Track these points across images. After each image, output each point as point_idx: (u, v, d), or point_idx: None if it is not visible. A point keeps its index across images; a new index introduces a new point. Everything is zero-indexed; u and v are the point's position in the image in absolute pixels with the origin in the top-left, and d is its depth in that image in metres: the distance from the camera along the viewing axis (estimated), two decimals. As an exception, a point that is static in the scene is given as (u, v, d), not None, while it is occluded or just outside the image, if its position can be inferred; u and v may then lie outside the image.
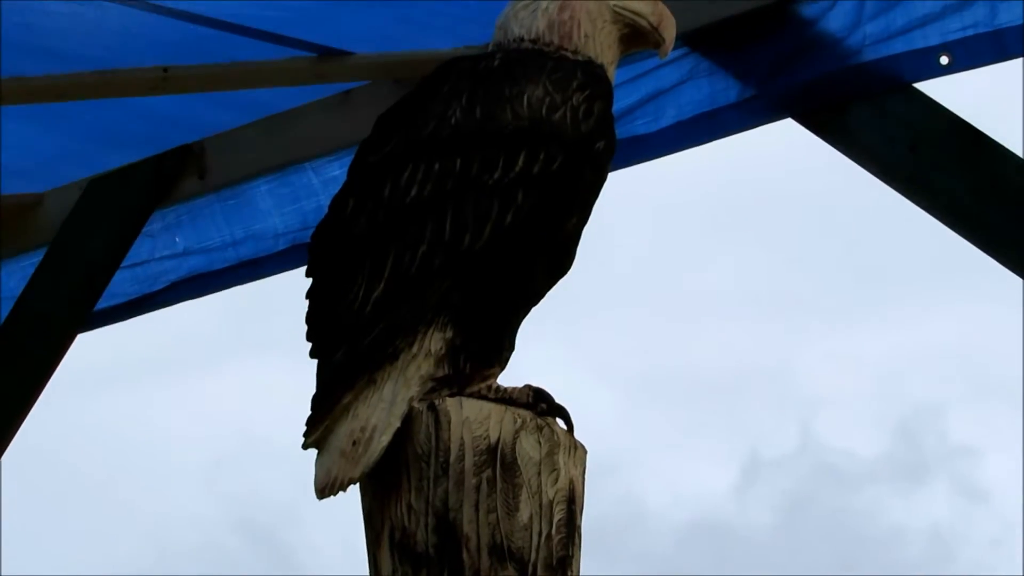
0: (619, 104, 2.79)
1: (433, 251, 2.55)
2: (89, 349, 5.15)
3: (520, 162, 2.56)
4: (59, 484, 10.36)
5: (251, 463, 10.38)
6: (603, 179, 2.67)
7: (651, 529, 10.91)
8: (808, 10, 4.27)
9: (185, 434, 10.54)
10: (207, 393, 10.74)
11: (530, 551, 2.48)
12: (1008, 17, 4.09)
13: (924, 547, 10.36)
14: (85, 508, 10.98)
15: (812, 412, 10.61)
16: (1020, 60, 4.12)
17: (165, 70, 4.51)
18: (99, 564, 10.05)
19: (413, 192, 2.58)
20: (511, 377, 2.65)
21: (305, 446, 2.57)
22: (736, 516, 10.89)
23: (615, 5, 2.71)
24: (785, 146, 4.50)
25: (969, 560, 10.06)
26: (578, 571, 2.54)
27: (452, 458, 2.50)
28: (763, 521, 10.95)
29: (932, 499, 10.85)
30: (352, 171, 2.70)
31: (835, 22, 4.26)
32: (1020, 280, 3.99)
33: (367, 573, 2.64)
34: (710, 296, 10.36)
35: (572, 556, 2.52)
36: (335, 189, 2.74)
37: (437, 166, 2.58)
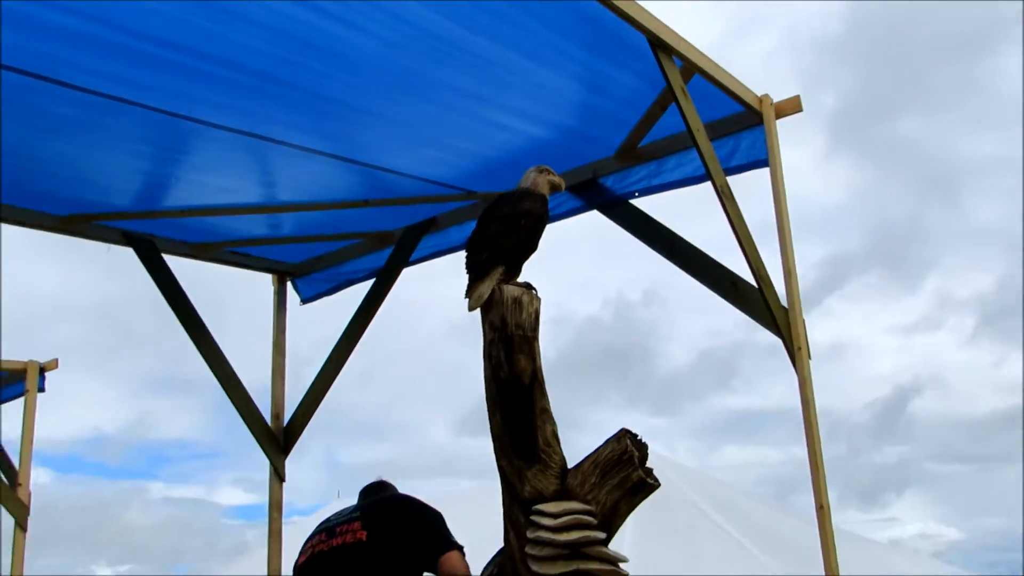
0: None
1: (500, 246, 2.48)
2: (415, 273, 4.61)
3: (523, 221, 2.50)
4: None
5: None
6: (545, 226, 2.56)
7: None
8: (604, 181, 4.25)
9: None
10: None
11: (528, 329, 2.36)
12: (663, 179, 4.08)
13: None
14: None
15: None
16: (672, 192, 4.07)
17: (412, 199, 4.45)
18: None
19: (492, 230, 2.51)
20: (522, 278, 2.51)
21: (465, 298, 2.45)
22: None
23: (548, 178, 2.68)
24: (598, 222, 4.31)
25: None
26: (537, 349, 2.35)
27: (502, 303, 2.39)
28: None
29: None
30: (477, 223, 2.59)
31: (611, 183, 4.24)
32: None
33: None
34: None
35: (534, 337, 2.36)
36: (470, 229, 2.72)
37: (501, 222, 2.50)
